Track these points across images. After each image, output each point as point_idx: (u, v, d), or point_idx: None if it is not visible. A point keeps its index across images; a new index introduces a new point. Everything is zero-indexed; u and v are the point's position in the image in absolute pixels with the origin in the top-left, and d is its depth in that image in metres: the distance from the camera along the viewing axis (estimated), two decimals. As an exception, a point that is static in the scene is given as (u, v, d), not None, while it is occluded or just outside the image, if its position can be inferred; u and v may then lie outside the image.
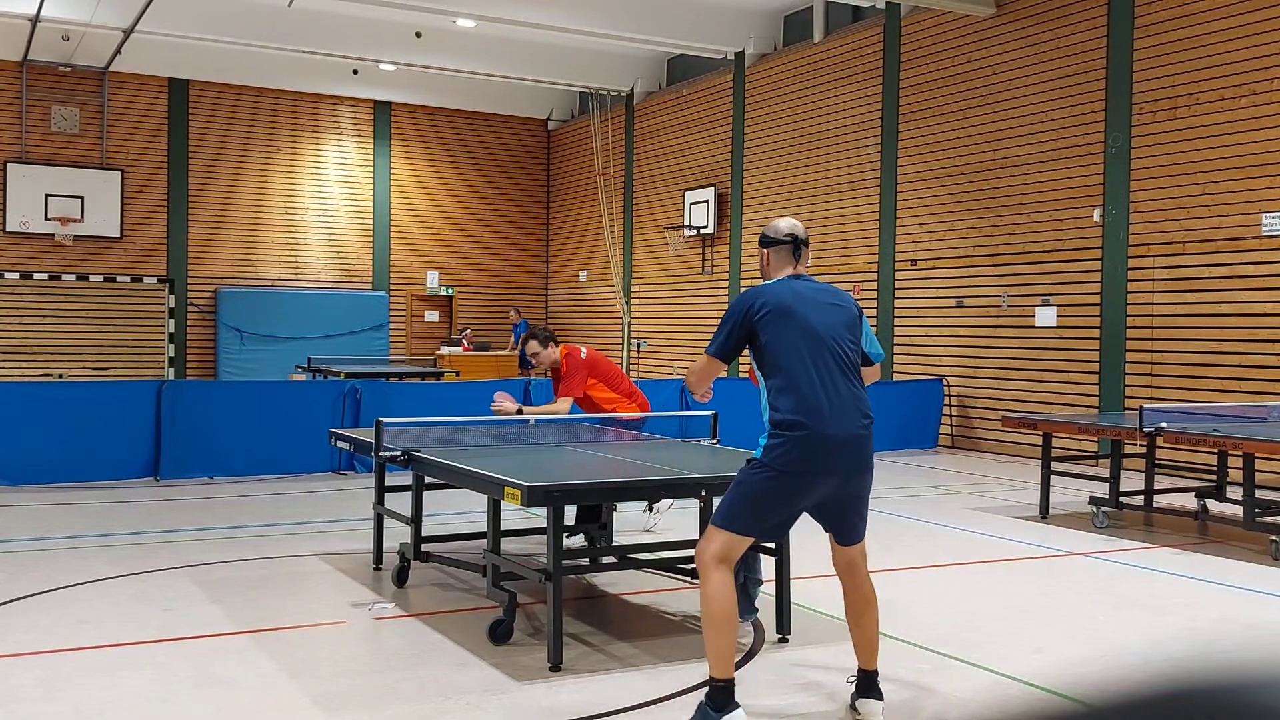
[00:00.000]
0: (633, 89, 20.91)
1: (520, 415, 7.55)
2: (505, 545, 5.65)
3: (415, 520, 6.21)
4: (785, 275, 4.30)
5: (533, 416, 7.63)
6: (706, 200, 18.65)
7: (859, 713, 4.18)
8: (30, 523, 8.10)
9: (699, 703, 4.03)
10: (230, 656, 4.89)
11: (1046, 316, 13.05)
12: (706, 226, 18.60)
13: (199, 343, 20.90)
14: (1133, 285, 12.09)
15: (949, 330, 14.34)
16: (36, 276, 19.64)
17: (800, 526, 4.31)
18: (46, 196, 19.45)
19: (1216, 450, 8.11)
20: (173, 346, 20.58)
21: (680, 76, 20.31)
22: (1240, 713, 0.76)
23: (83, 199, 19.71)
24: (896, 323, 15.12)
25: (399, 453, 5.90)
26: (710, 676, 3.99)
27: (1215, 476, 8.74)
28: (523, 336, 7.96)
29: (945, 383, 14.09)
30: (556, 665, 4.73)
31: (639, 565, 6.04)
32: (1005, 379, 13.59)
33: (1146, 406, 8.37)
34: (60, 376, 18.92)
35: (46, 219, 19.46)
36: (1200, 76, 11.41)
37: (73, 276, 19.90)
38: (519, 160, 23.75)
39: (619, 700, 4.36)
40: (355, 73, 21.09)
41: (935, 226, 14.56)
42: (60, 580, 6.26)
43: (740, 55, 18.10)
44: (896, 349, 15.13)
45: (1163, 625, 5.68)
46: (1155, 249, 11.86)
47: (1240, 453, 7.41)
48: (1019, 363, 13.43)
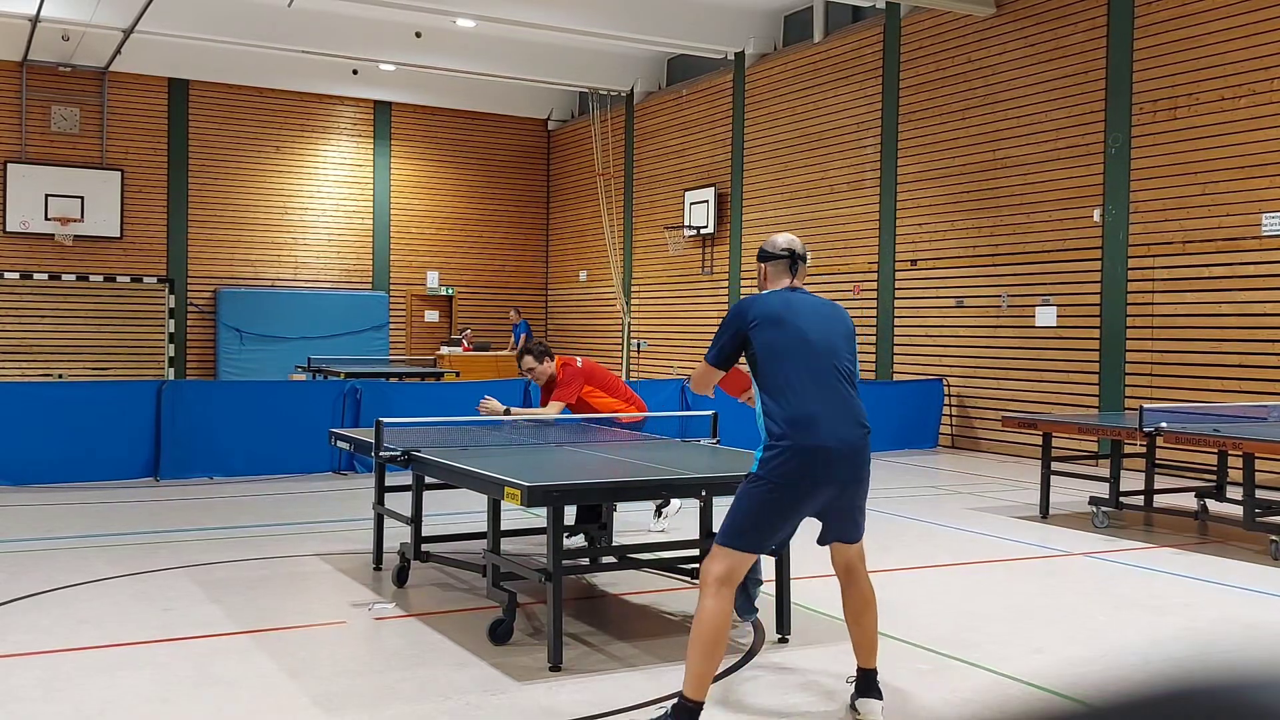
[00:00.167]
0: (633, 89, 20.91)
1: (508, 416, 7.54)
2: (505, 545, 5.65)
3: (415, 520, 6.21)
4: (781, 288, 4.33)
5: (520, 417, 7.63)
6: (706, 200, 18.65)
7: (859, 712, 4.19)
8: (30, 523, 8.10)
9: (663, 713, 3.95)
10: (230, 656, 4.89)
11: (1046, 316, 13.05)
12: (706, 226, 18.60)
13: (199, 343, 20.91)
14: (1133, 285, 12.09)
15: (949, 330, 14.34)
16: (36, 276, 19.65)
17: (800, 527, 4.31)
18: (46, 196, 19.46)
19: (1216, 450, 8.12)
20: (173, 346, 20.58)
21: (680, 76, 20.31)
22: (1240, 713, 0.76)
23: (83, 199, 19.71)
24: (896, 323, 15.13)
25: (399, 453, 5.90)
26: (681, 693, 3.90)
27: (1215, 476, 8.74)
28: (517, 351, 7.95)
29: (945, 383, 14.09)
30: (556, 665, 4.73)
31: (639, 565, 6.04)
32: (1005, 379, 13.59)
33: (1146, 406, 8.37)
34: (60, 376, 18.92)
35: (46, 219, 19.46)
36: (1200, 76, 11.41)
37: (73, 276, 19.90)
38: (519, 160, 23.75)
39: (619, 700, 4.36)
40: (355, 73, 21.09)
41: (935, 226, 14.56)
42: (60, 580, 6.26)
43: (740, 55, 18.11)
44: (896, 349, 15.13)
45: (1163, 625, 5.68)
46: (1155, 249, 11.86)
47: (1240, 453, 7.41)
48: (1019, 363, 13.43)
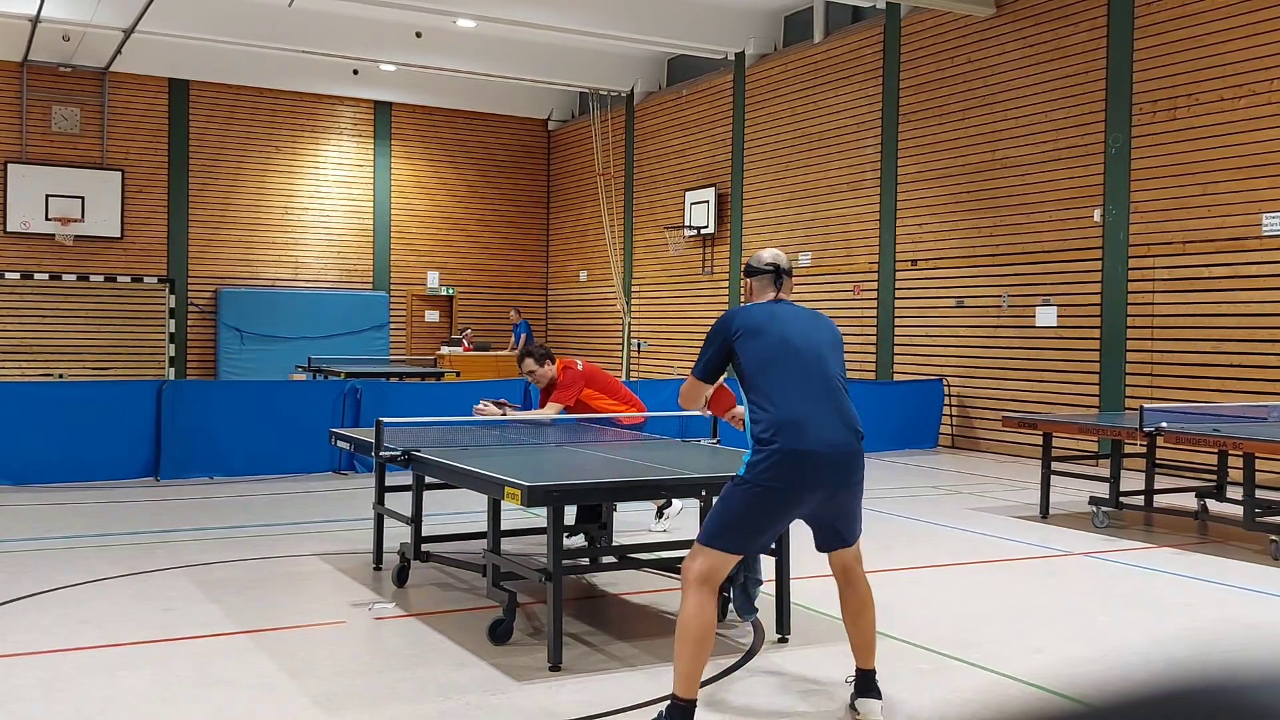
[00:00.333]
0: (633, 89, 20.91)
1: (505, 416, 7.54)
2: (505, 545, 5.65)
3: (415, 520, 6.21)
4: (766, 300, 4.36)
5: (518, 418, 7.63)
6: (706, 200, 18.65)
7: (858, 712, 4.19)
8: (30, 523, 8.10)
9: (657, 714, 3.97)
10: (230, 656, 4.89)
11: (1046, 316, 13.05)
12: (706, 226, 18.60)
13: (199, 343, 20.91)
14: (1133, 285, 12.09)
15: (949, 330, 14.34)
16: (37, 276, 19.65)
17: (801, 527, 4.31)
18: (47, 196, 19.46)
19: (1216, 450, 8.12)
20: (173, 346, 20.59)
21: (680, 77, 20.31)
22: (1240, 713, 0.76)
23: (83, 199, 19.71)
24: (896, 323, 15.13)
25: (399, 453, 5.90)
26: (673, 694, 3.90)
27: (1215, 476, 8.74)
28: (518, 354, 7.95)
29: (945, 383, 14.09)
30: (556, 665, 4.73)
31: (639, 565, 6.04)
32: (1005, 379, 13.59)
33: (1146, 406, 8.37)
34: (60, 376, 18.92)
35: (47, 219, 19.46)
36: (1200, 76, 11.41)
37: (73, 276, 19.90)
38: (519, 160, 23.75)
39: (619, 700, 4.36)
40: (355, 73, 21.09)
41: (935, 226, 14.56)
42: (60, 580, 6.26)
43: (740, 55, 18.10)
44: (896, 349, 15.13)
45: (1163, 625, 5.68)
46: (1155, 249, 11.86)
47: (1240, 453, 7.41)
48: (1019, 363, 13.43)
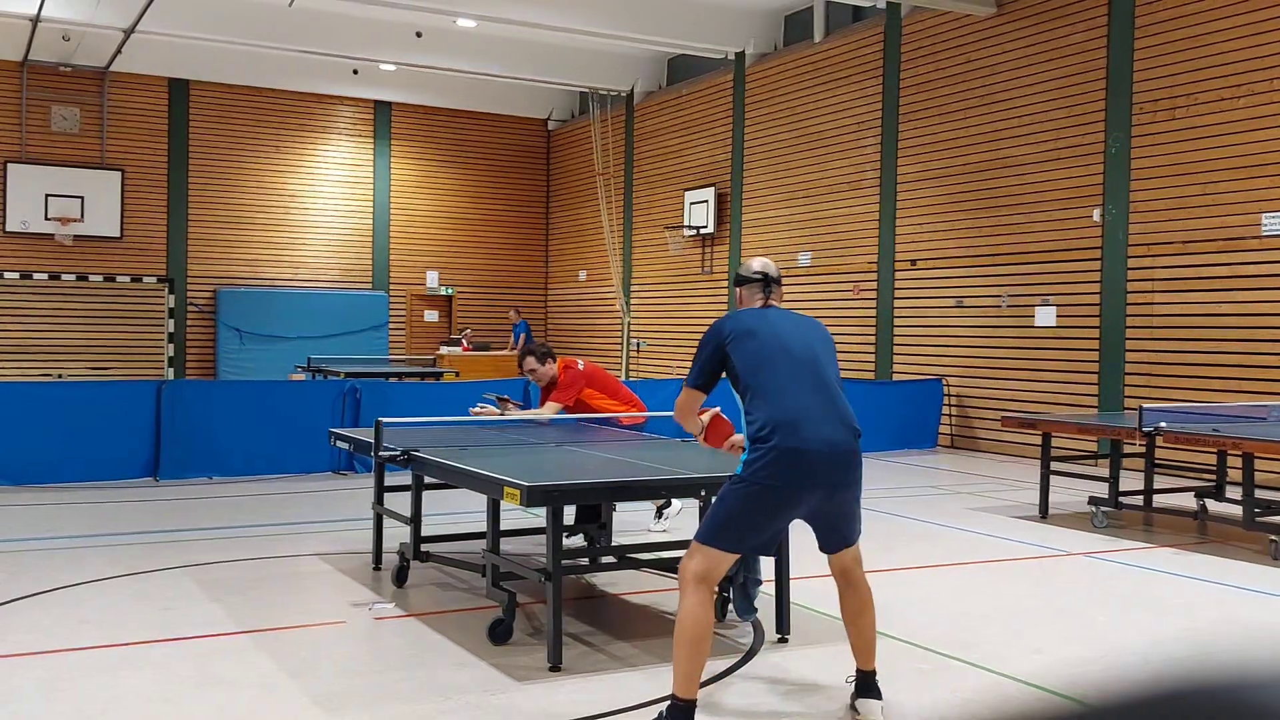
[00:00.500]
0: (633, 89, 20.91)
1: (505, 414, 7.53)
2: (505, 545, 5.65)
3: (415, 520, 6.21)
4: (755, 306, 4.39)
5: (517, 417, 7.62)
6: (706, 200, 18.65)
7: (859, 712, 4.19)
8: (30, 523, 8.10)
9: (658, 715, 3.98)
10: (231, 656, 4.89)
11: (1046, 316, 13.05)
12: (706, 226, 18.60)
13: (199, 343, 20.91)
14: (1132, 285, 12.09)
15: (949, 330, 14.34)
16: (36, 276, 19.64)
17: (801, 527, 4.31)
18: (46, 196, 19.45)
19: (1216, 450, 8.12)
20: (172, 346, 20.58)
21: (680, 76, 20.31)
22: (1240, 713, 0.76)
23: (83, 199, 19.70)
24: (896, 323, 15.13)
25: (399, 453, 5.90)
26: (673, 694, 3.91)
27: (1215, 476, 8.74)
28: (519, 352, 7.95)
29: (945, 383, 14.09)
30: (556, 665, 4.73)
31: (639, 565, 6.04)
32: (1005, 379, 13.59)
33: (1146, 406, 8.37)
34: (60, 376, 18.92)
35: (46, 219, 19.45)
36: (1200, 76, 11.42)
37: (72, 276, 19.90)
38: (519, 160, 23.75)
39: (619, 700, 4.36)
40: (355, 73, 21.09)
41: (935, 226, 14.56)
42: (61, 580, 6.26)
43: (740, 55, 18.10)
44: (896, 349, 15.13)
45: (1162, 625, 5.68)
46: (1155, 249, 11.86)
47: (1240, 453, 7.42)
48: (1019, 363, 13.43)
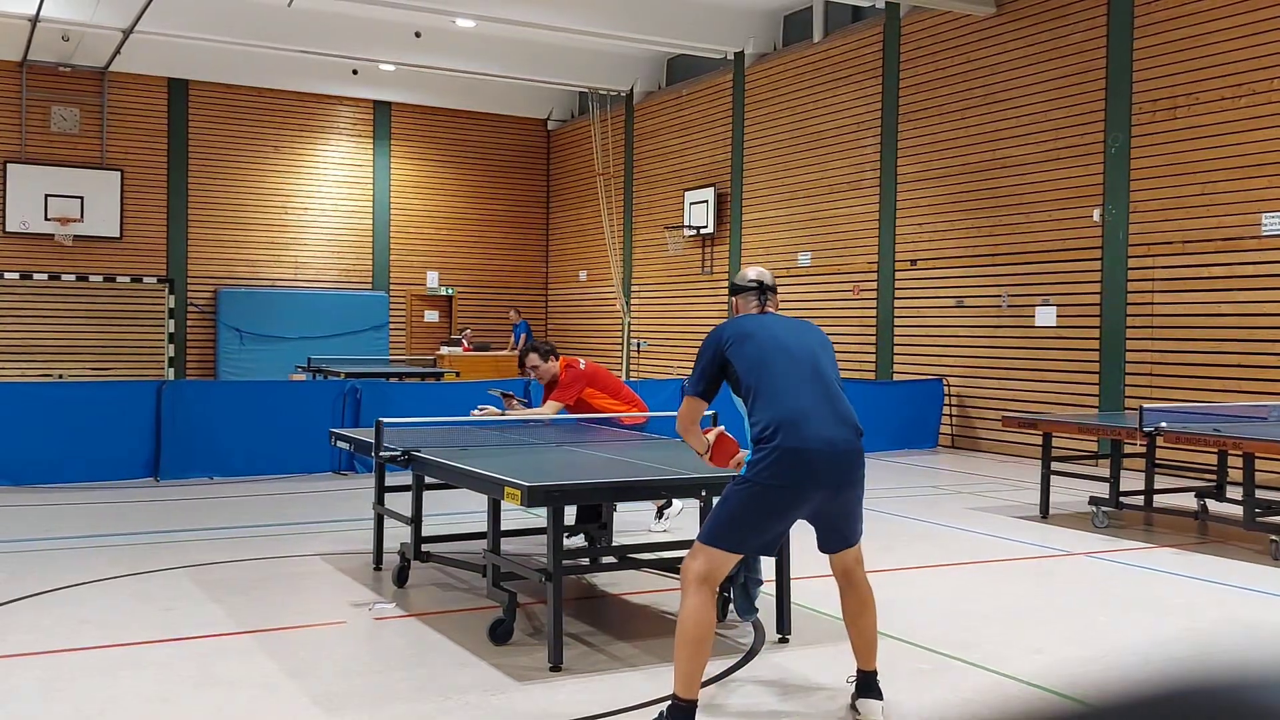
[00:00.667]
0: (633, 89, 20.91)
1: (507, 412, 7.53)
2: (505, 545, 5.65)
3: (415, 520, 6.21)
4: (751, 313, 4.41)
5: (517, 416, 7.62)
6: (706, 200, 18.65)
7: (859, 712, 4.19)
8: (30, 523, 8.10)
9: (659, 715, 3.97)
10: (231, 656, 4.89)
11: (1046, 316, 13.05)
12: (706, 226, 18.60)
13: (199, 343, 20.91)
14: (1132, 285, 12.09)
15: (949, 330, 14.34)
16: (36, 276, 19.64)
17: (800, 527, 4.31)
18: (46, 196, 19.45)
19: (1216, 450, 8.12)
20: (172, 346, 20.58)
21: (680, 76, 20.31)
22: (1240, 713, 0.76)
23: (82, 199, 19.71)
24: (896, 323, 15.13)
25: (399, 453, 5.90)
26: (674, 694, 3.91)
27: (1215, 476, 8.74)
28: (521, 349, 7.95)
29: (945, 383, 14.09)
30: (556, 665, 4.73)
31: (639, 565, 6.04)
32: (1005, 379, 13.59)
33: (1146, 406, 8.37)
34: (60, 376, 18.92)
35: (46, 219, 19.45)
36: (1200, 76, 11.42)
37: (72, 276, 19.90)
38: (519, 160, 23.75)
39: (619, 700, 4.36)
40: (355, 73, 21.09)
41: (935, 226, 14.56)
42: (61, 580, 6.26)
43: (740, 55, 18.10)
44: (896, 349, 15.13)
45: (1163, 625, 5.68)
46: (1155, 249, 11.86)
47: (1240, 453, 7.41)
48: (1019, 363, 13.43)
